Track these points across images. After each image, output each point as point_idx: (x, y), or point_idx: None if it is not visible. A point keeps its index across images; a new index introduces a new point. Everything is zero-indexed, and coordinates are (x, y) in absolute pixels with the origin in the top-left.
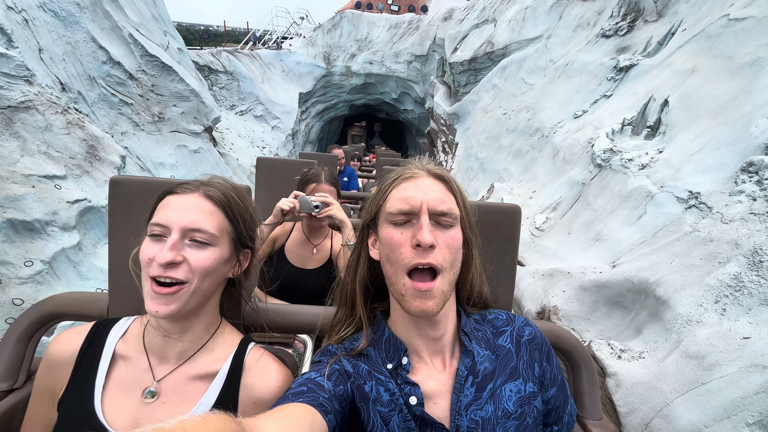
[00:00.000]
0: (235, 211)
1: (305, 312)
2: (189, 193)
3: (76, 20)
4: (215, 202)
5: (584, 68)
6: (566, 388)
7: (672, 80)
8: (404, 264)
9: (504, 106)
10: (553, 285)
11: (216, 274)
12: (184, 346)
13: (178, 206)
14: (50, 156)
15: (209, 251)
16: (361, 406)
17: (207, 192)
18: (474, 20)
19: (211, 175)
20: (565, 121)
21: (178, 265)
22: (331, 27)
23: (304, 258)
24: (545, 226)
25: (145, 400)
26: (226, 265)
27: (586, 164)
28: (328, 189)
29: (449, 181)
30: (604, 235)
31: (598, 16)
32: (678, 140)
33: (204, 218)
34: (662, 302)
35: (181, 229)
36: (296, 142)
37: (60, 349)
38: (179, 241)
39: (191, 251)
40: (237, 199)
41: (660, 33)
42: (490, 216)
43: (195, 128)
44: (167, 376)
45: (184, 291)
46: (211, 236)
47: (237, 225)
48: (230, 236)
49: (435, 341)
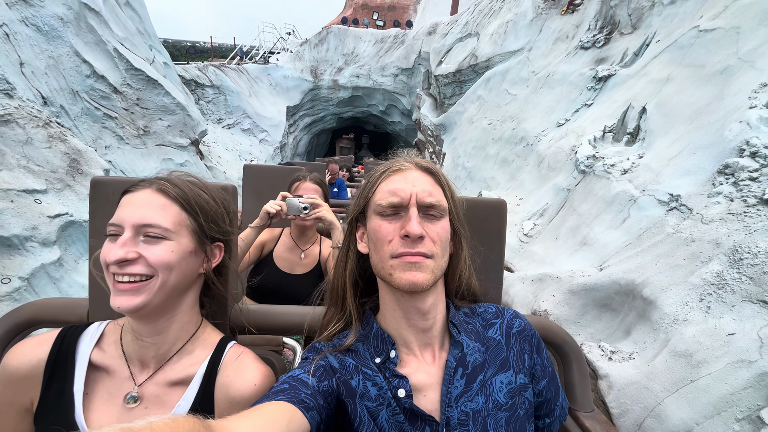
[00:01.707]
0: (193, 203)
1: (292, 312)
2: (142, 189)
3: (59, 34)
4: (169, 195)
5: (565, 79)
6: (557, 381)
7: (648, 89)
8: (392, 251)
9: (489, 116)
10: (542, 290)
11: (181, 268)
12: (161, 349)
13: (131, 203)
14: (30, 170)
15: (165, 245)
16: (348, 401)
17: (160, 186)
18: (458, 34)
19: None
20: (548, 130)
21: (134, 262)
22: (317, 42)
23: (292, 263)
24: (533, 233)
25: (128, 405)
26: (192, 260)
27: (570, 171)
28: (312, 187)
29: (437, 173)
30: (590, 239)
31: (576, 29)
32: (657, 145)
33: (155, 213)
34: (649, 303)
35: (132, 225)
36: (284, 154)
37: (21, 361)
38: (132, 238)
39: (146, 246)
40: (198, 191)
41: (635, 44)
42: (476, 210)
43: (181, 141)
44: (147, 381)
45: (150, 285)
46: (164, 230)
47: (197, 217)
48: (190, 228)
49: (424, 332)
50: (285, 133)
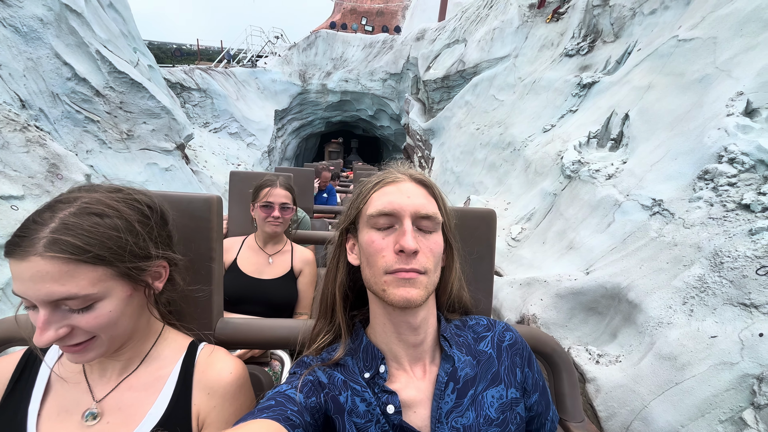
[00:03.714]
0: (102, 252)
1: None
2: (27, 257)
3: (38, 36)
4: (66, 260)
5: (551, 85)
6: (548, 395)
7: (631, 96)
8: (386, 267)
9: (477, 121)
10: (530, 294)
11: (126, 314)
12: (124, 363)
13: (23, 277)
14: (6, 175)
15: (97, 309)
16: (336, 417)
17: (50, 251)
18: (445, 40)
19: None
20: (535, 135)
21: (70, 334)
22: (306, 46)
23: (259, 266)
24: (521, 237)
25: (86, 423)
26: (133, 299)
27: (556, 175)
28: (283, 193)
29: (431, 186)
30: (576, 243)
31: (560, 36)
32: (639, 151)
33: (62, 284)
34: (634, 306)
35: (44, 303)
36: (272, 158)
37: None
38: (52, 313)
39: (76, 317)
40: (108, 223)
41: (618, 52)
42: (466, 221)
43: (166, 146)
44: (110, 394)
45: (97, 343)
46: (86, 297)
47: (115, 264)
48: (116, 276)
49: (415, 347)
50: (273, 137)
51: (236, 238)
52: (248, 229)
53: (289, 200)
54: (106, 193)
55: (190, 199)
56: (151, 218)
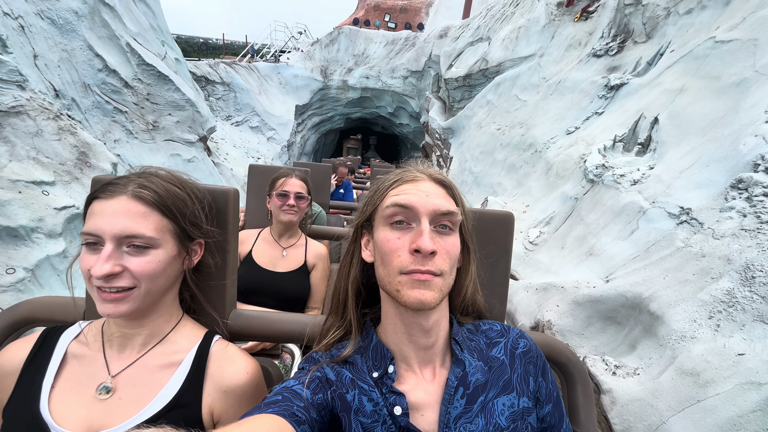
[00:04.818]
0: (172, 206)
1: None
2: (116, 196)
3: (73, 28)
4: (147, 202)
5: (576, 86)
6: (562, 406)
7: (661, 99)
8: (401, 267)
9: (498, 121)
10: (546, 299)
11: (166, 273)
12: (144, 339)
13: (106, 212)
14: (39, 162)
15: (151, 254)
16: (342, 415)
17: (136, 192)
18: (469, 38)
19: (146, 166)
20: (557, 137)
21: (119, 275)
22: (328, 42)
23: (273, 259)
24: (539, 240)
25: (99, 396)
26: (176, 262)
27: (578, 179)
28: (298, 183)
29: (451, 186)
30: (597, 250)
31: (589, 36)
32: (668, 157)
33: (137, 222)
34: (656, 318)
35: (113, 237)
36: (291, 153)
37: (6, 358)
38: (115, 250)
39: (131, 258)
40: (174, 190)
41: (649, 54)
42: (482, 223)
43: (189, 137)
44: (125, 370)
45: (133, 295)
46: (149, 239)
47: (177, 220)
48: (173, 233)
49: (425, 350)
50: (293, 131)
51: (252, 230)
52: (265, 222)
53: (305, 191)
54: (170, 174)
55: (209, 191)
56: (203, 201)
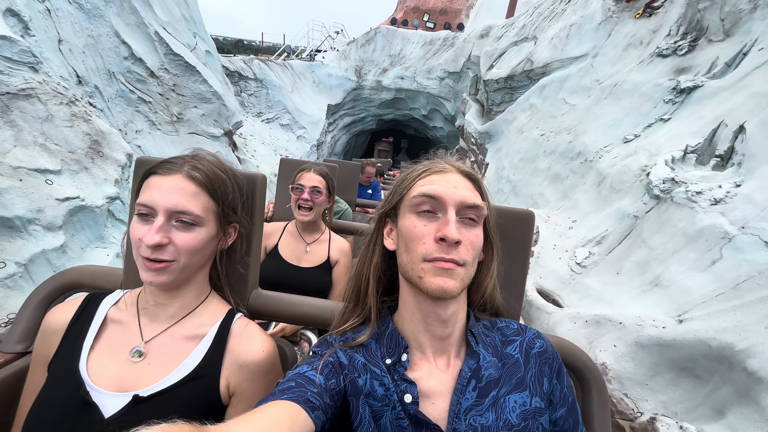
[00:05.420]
0: (218, 189)
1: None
2: (173, 174)
3: (100, 14)
4: (199, 183)
5: (636, 89)
6: (577, 412)
7: (749, 104)
8: (425, 254)
9: (542, 126)
10: (600, 336)
11: (204, 251)
12: (175, 310)
13: (162, 187)
14: (47, 148)
15: (196, 231)
16: (351, 399)
17: (190, 173)
18: (513, 38)
19: (197, 149)
20: (612, 146)
21: (164, 247)
22: (365, 42)
23: (298, 254)
24: (587, 262)
25: (132, 359)
26: (213, 242)
27: (639, 194)
28: (316, 178)
29: (478, 180)
30: (665, 280)
31: (653, 34)
32: (760, 173)
33: (188, 200)
34: (757, 379)
35: (166, 211)
36: (321, 153)
37: (54, 318)
38: (165, 223)
39: (177, 233)
40: (222, 176)
41: (728, 53)
42: (501, 219)
43: (214, 131)
44: (156, 337)
45: (173, 267)
46: (196, 217)
47: (220, 203)
48: (215, 214)
49: (441, 340)
50: (323, 131)
51: (278, 223)
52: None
53: (322, 186)
54: (218, 159)
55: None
56: (242, 188)
